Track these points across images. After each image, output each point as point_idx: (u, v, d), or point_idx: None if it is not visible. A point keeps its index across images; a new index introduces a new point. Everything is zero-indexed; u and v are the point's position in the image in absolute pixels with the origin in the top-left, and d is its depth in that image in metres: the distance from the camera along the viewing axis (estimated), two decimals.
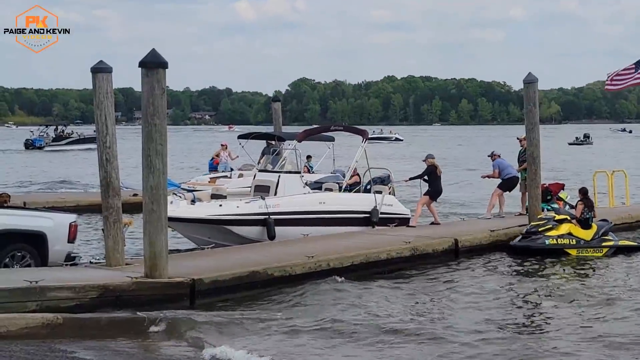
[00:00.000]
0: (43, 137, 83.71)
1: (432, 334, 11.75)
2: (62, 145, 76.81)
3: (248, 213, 18.51)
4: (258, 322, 12.25)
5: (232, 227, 18.42)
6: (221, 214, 18.40)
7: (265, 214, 18.59)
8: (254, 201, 18.86)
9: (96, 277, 13.19)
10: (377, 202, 20.27)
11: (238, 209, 18.50)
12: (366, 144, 21.27)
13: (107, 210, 14.48)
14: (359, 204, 20.40)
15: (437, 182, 20.78)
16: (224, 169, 31.33)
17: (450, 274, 16.62)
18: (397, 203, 21.16)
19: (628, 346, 11.28)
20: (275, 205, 18.89)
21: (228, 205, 18.73)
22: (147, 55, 13.50)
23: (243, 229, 18.51)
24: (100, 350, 10.28)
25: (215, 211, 18.45)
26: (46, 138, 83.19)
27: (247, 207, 18.63)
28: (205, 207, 18.72)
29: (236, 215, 18.42)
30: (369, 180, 21.61)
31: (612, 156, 69.36)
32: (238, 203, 18.79)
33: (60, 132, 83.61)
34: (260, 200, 18.80)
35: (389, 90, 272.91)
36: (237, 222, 18.43)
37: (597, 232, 18.86)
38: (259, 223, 18.61)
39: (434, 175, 20.75)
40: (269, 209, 18.65)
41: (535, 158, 20.41)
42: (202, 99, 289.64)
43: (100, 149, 14.51)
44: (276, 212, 18.77)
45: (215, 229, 18.46)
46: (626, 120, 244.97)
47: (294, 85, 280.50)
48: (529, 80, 20.47)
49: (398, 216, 20.70)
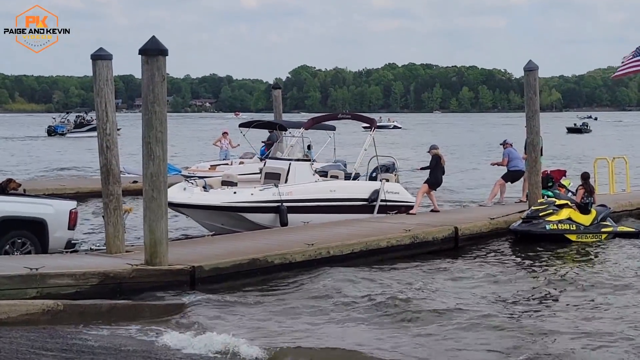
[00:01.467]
0: (64, 124, 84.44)
1: (432, 317, 11.82)
2: (84, 132, 77.05)
3: (262, 200, 18.83)
4: (258, 308, 12.31)
5: (246, 214, 18.72)
6: (236, 201, 18.68)
7: (278, 201, 18.89)
8: (267, 188, 19.12)
9: (96, 264, 13.21)
10: (385, 190, 20.51)
11: (252, 196, 18.84)
12: (374, 132, 21.53)
13: (107, 197, 14.51)
14: (368, 192, 20.59)
15: (438, 172, 20.91)
16: (225, 156, 31.35)
17: (451, 260, 16.66)
18: (403, 191, 21.39)
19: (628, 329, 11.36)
20: (288, 192, 19.19)
21: (242, 192, 19.01)
22: (147, 43, 13.49)
23: (256, 216, 18.81)
24: (101, 337, 10.29)
25: (230, 198, 18.75)
26: (68, 125, 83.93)
27: (261, 194, 18.94)
28: (220, 194, 19.02)
29: (250, 202, 18.73)
30: (375, 167, 21.85)
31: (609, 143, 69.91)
32: (252, 190, 19.09)
33: (81, 120, 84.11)
34: (274, 188, 19.09)
35: (390, 78, 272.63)
36: (251, 209, 18.74)
37: (596, 217, 18.90)
38: (272, 210, 18.90)
39: (437, 165, 20.88)
40: (282, 196, 18.95)
41: (535, 145, 20.42)
42: (202, 86, 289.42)
43: (100, 136, 14.54)
44: (289, 199, 19.06)
45: (229, 216, 18.77)
46: (627, 107, 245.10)
47: (294, 73, 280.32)
48: (529, 67, 20.45)
49: (404, 204, 20.89)
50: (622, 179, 26.36)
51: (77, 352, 9.22)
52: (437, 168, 20.93)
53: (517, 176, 22.62)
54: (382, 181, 20.71)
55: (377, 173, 21.58)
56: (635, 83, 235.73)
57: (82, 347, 9.49)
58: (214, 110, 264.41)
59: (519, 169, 22.30)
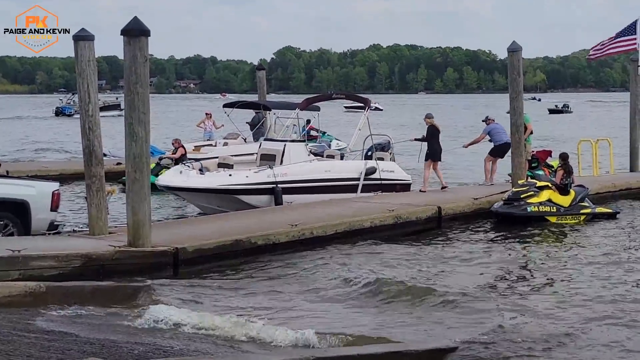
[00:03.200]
0: (71, 105, 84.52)
1: (413, 296, 11.87)
2: None
3: (257, 182, 19.07)
4: (240, 289, 12.32)
5: (242, 196, 18.94)
6: (231, 184, 18.90)
7: (273, 183, 19.10)
8: (262, 170, 19.34)
9: (79, 246, 13.19)
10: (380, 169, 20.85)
11: (247, 179, 19.06)
12: (369, 112, 21.75)
13: (90, 179, 14.47)
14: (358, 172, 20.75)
15: (433, 142, 20.88)
16: (209, 137, 31.33)
17: (434, 240, 16.75)
18: (398, 169, 21.60)
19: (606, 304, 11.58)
20: (283, 174, 19.40)
21: (237, 174, 19.24)
22: (129, 23, 13.42)
23: (252, 198, 19.05)
24: (84, 318, 10.28)
25: (226, 181, 18.98)
26: (74, 106, 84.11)
27: (256, 176, 19.17)
28: (216, 177, 19.28)
29: (245, 184, 18.94)
30: (370, 146, 22.06)
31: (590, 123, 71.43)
32: (247, 173, 19.31)
33: None
34: (269, 170, 19.30)
35: (375, 59, 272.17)
36: (246, 192, 18.98)
37: (575, 198, 19.01)
38: (267, 192, 19.14)
39: (433, 136, 20.91)
40: (276, 177, 19.18)
41: (519, 127, 20.45)
42: (186, 67, 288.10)
43: (82, 118, 14.49)
44: (284, 180, 19.29)
45: (225, 198, 18.99)
46: (611, 88, 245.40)
47: (279, 54, 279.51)
48: (513, 48, 20.45)
49: (399, 182, 21.11)
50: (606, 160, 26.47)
51: (59, 334, 9.21)
52: (433, 139, 20.90)
53: (504, 150, 22.27)
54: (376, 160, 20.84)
55: (372, 152, 21.78)
56: (619, 64, 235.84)
57: (65, 329, 9.48)
58: (199, 91, 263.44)
59: (504, 142, 22.00)
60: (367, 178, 20.57)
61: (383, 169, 20.96)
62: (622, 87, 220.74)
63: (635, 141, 26.56)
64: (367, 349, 9.08)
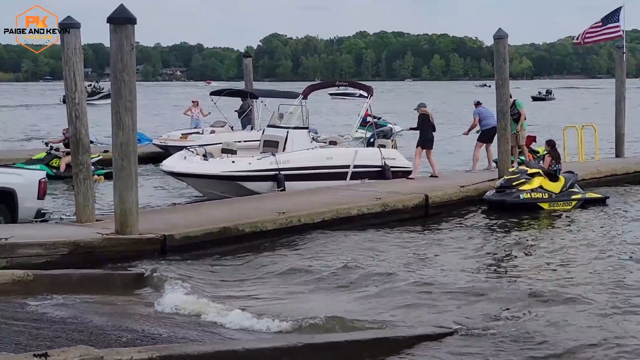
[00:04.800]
0: None
1: (404, 282, 11.90)
2: (96, 100, 76.91)
3: (259, 169, 19.31)
4: (228, 276, 12.36)
5: (245, 182, 19.18)
6: (234, 170, 19.13)
7: (275, 170, 19.32)
8: (265, 157, 19.56)
9: (66, 234, 13.18)
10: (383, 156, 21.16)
11: (250, 165, 19.30)
12: (371, 100, 21.94)
13: (77, 167, 14.46)
14: (365, 158, 21.05)
15: (425, 131, 21.04)
16: (196, 125, 31.31)
17: (421, 228, 16.80)
18: (400, 156, 21.81)
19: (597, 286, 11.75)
20: (286, 161, 19.61)
21: (240, 161, 19.48)
22: (115, 11, 13.35)
23: (255, 184, 19.29)
24: (72, 306, 10.29)
25: (229, 167, 19.23)
26: None
27: (259, 163, 19.41)
28: (219, 164, 19.50)
29: (248, 171, 19.20)
30: (373, 133, 22.36)
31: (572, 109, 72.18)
32: (250, 159, 19.55)
33: (93, 88, 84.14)
34: (271, 156, 19.52)
35: (361, 46, 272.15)
36: (249, 178, 19.21)
37: (565, 184, 19.05)
38: (270, 178, 19.36)
39: (424, 124, 21.03)
40: (279, 164, 19.39)
41: (505, 113, 20.49)
42: (173, 54, 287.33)
43: (69, 106, 14.46)
44: (286, 167, 19.52)
45: (228, 184, 19.20)
46: (597, 75, 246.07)
47: (265, 41, 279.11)
48: (499, 36, 20.47)
49: (401, 169, 21.35)
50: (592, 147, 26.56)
51: (47, 321, 9.23)
52: (424, 127, 21.01)
53: (492, 134, 22.25)
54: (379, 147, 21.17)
55: (374, 139, 22.03)
56: (605, 51, 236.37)
57: (53, 317, 9.50)
58: (185, 78, 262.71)
59: (491, 126, 21.96)
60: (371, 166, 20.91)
61: (385, 156, 21.18)
62: (608, 73, 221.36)
63: (621, 127, 26.67)
64: (355, 335, 9.13)
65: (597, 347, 9.05)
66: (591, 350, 8.97)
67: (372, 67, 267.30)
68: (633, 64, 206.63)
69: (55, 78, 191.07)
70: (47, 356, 6.82)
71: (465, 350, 9.01)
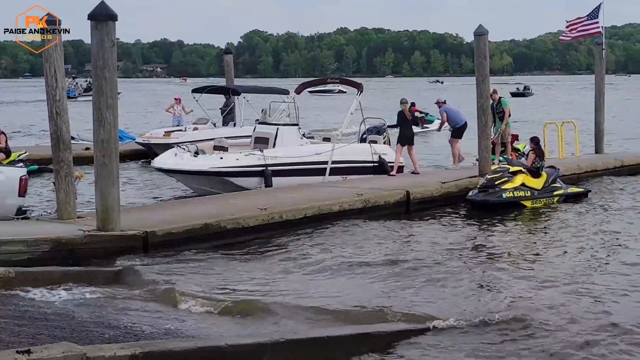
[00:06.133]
0: (75, 88, 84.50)
1: (385, 278, 11.99)
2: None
3: (247, 165, 19.46)
4: (210, 272, 12.35)
5: (232, 178, 19.35)
6: (221, 166, 19.29)
7: (263, 166, 19.49)
8: (253, 153, 19.76)
9: (48, 231, 13.15)
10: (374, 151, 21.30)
11: (237, 161, 19.45)
12: (361, 97, 21.94)
13: (58, 164, 14.42)
14: (355, 154, 21.24)
15: (403, 128, 21.13)
16: (178, 122, 31.25)
17: (402, 224, 16.81)
18: (391, 152, 21.85)
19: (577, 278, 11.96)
20: (273, 156, 19.78)
21: (228, 157, 19.65)
22: (96, 8, 13.31)
23: (242, 180, 19.41)
24: (54, 303, 10.28)
25: (216, 163, 19.37)
26: (78, 89, 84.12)
27: (246, 159, 19.59)
28: (207, 160, 19.65)
29: (235, 167, 19.34)
30: (365, 130, 22.51)
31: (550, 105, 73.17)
32: (237, 155, 19.72)
33: (89, 84, 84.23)
34: (259, 152, 19.70)
35: (342, 43, 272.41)
36: (235, 174, 19.35)
37: (547, 180, 19.16)
38: (258, 174, 19.51)
39: (401, 120, 21.10)
40: (267, 160, 19.57)
41: (485, 110, 20.58)
42: (153, 51, 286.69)
43: (49, 103, 14.40)
44: (274, 163, 19.68)
45: (216, 180, 19.38)
46: (576, 71, 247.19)
47: (246, 37, 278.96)
48: (479, 32, 20.54)
49: (392, 164, 21.36)
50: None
51: (30, 319, 9.22)
52: (402, 124, 21.08)
53: (464, 129, 22.63)
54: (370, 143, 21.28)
55: (367, 135, 22.24)
56: (585, 47, 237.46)
57: (35, 314, 9.49)
58: (165, 75, 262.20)
59: (464, 122, 22.34)
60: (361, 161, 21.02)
61: (376, 151, 21.33)
62: (587, 69, 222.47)
63: (600, 123, 26.86)
64: (336, 330, 9.17)
65: (583, 333, 9.28)
66: (576, 337, 9.16)
67: (353, 63, 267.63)
68: (612, 61, 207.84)
69: (34, 75, 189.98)
70: (30, 353, 6.82)
71: (444, 345, 9.08)
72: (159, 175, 21.97)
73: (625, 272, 12.42)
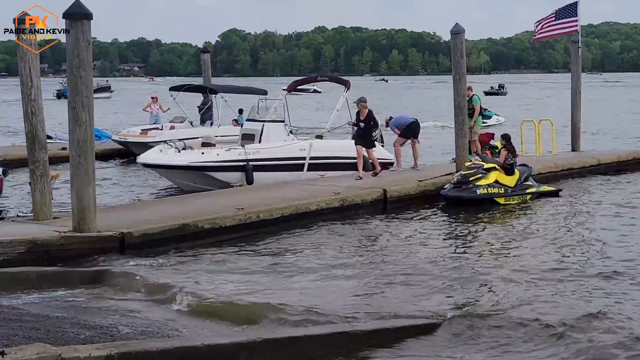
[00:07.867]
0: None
1: (363, 276, 12.01)
2: None
3: (227, 160, 19.78)
4: (186, 273, 12.31)
5: (213, 173, 19.68)
6: (202, 161, 19.64)
7: (244, 161, 19.77)
8: (234, 149, 20.07)
9: (24, 232, 13.08)
10: None
11: (218, 156, 19.81)
12: (348, 94, 22.21)
13: (33, 164, 14.32)
14: (339, 150, 21.45)
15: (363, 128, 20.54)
16: (155, 121, 31.17)
17: (380, 222, 16.86)
18: (380, 149, 21.85)
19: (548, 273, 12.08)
20: (255, 152, 20.06)
21: (210, 152, 20.03)
22: (71, 6, 13.23)
23: (223, 175, 19.73)
24: (29, 304, 10.23)
25: (197, 158, 19.74)
26: None
27: (227, 154, 19.93)
28: (189, 155, 20.04)
29: (216, 162, 19.68)
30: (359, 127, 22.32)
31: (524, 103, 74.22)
32: (218, 150, 20.10)
33: None
34: (240, 148, 20.03)
35: (320, 41, 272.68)
36: (217, 169, 19.70)
37: (519, 178, 19.27)
38: (238, 169, 19.77)
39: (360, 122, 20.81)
40: (247, 155, 19.85)
41: (462, 108, 20.63)
42: (130, 50, 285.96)
43: (25, 102, 14.30)
44: (255, 158, 19.94)
45: (198, 175, 19.70)
46: (553, 70, 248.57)
47: (224, 36, 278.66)
48: (455, 31, 20.58)
49: (382, 161, 21.41)
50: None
51: (4, 320, 9.14)
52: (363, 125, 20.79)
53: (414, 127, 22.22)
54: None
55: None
56: (561, 45, 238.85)
57: (10, 315, 9.41)
58: (143, 74, 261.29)
59: (410, 121, 22.22)
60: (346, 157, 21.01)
61: None
62: (564, 68, 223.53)
63: (577, 121, 26.97)
64: (314, 329, 9.16)
65: (565, 325, 9.32)
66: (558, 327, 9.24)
67: (331, 62, 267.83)
68: (589, 59, 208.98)
69: (10, 74, 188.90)
70: (3, 354, 6.77)
71: (423, 342, 9.10)
72: (136, 175, 21.93)
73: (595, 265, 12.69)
